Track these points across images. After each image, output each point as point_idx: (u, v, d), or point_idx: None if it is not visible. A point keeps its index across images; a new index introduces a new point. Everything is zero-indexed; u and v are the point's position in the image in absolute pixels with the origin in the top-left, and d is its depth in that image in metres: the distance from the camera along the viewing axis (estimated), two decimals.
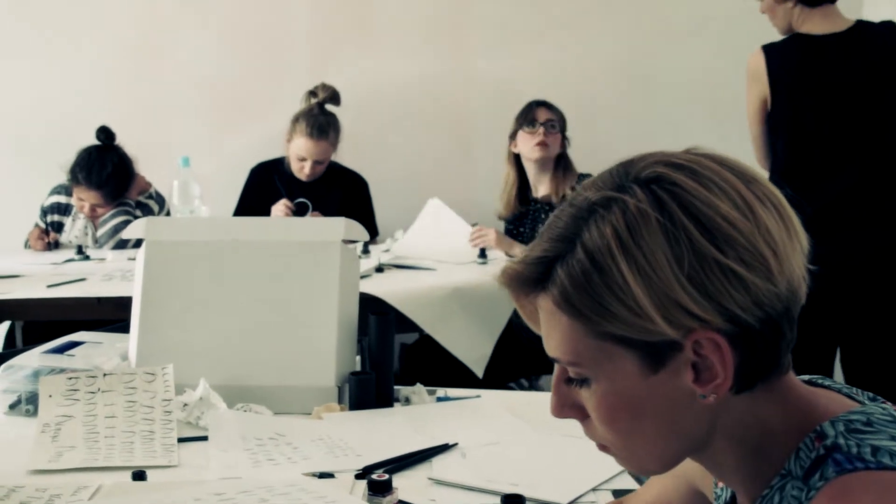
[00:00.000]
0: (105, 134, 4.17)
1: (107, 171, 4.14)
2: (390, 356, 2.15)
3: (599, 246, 0.94)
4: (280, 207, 4.22)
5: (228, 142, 4.73)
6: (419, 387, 2.18)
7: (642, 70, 4.89)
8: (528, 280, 1.00)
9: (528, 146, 4.06)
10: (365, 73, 4.94)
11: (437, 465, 1.80)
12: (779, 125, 3.26)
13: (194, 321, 2.18)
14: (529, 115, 4.10)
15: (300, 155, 4.33)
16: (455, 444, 1.89)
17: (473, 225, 4.00)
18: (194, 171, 3.93)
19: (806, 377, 1.08)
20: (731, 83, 3.88)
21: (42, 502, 1.59)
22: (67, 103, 4.72)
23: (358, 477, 1.71)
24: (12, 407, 2.12)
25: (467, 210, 4.26)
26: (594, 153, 3.05)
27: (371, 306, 3.18)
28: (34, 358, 2.16)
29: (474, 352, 3.44)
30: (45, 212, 4.37)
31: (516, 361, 3.82)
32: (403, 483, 1.71)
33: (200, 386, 2.05)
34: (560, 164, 4.10)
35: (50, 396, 2.02)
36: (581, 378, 1.01)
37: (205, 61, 4.92)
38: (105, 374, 2.05)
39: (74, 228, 4.32)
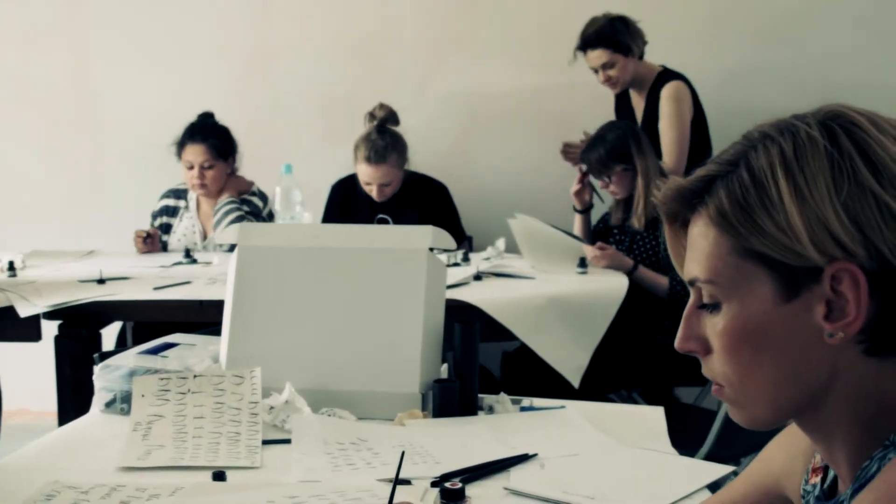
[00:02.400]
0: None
1: (210, 124, 4.43)
2: (475, 365, 2.16)
3: (763, 165, 0.98)
4: None
5: (334, 150, 4.79)
6: (503, 396, 2.18)
7: (757, 80, 4.81)
8: (688, 193, 1.03)
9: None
10: (471, 82, 4.97)
11: (515, 475, 1.80)
12: None
13: (283, 326, 2.21)
14: None
15: (364, 180, 4.38)
16: (534, 455, 1.88)
17: (583, 239, 3.98)
18: (300, 178, 4.00)
19: None
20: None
21: (141, 502, 1.63)
22: (180, 112, 4.84)
23: (434, 485, 1.72)
24: (108, 405, 2.18)
25: (571, 220, 4.25)
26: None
27: (467, 314, 3.20)
28: (130, 358, 2.22)
29: (571, 362, 3.42)
30: (154, 216, 4.52)
31: (616, 373, 3.80)
32: (478, 492, 1.72)
33: (286, 390, 2.08)
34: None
35: (142, 396, 2.07)
36: (713, 302, 1.02)
37: (312, 71, 5.00)
38: (195, 376, 2.10)
39: (181, 228, 4.45)
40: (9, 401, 3.85)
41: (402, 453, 1.40)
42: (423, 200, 4.47)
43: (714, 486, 1.73)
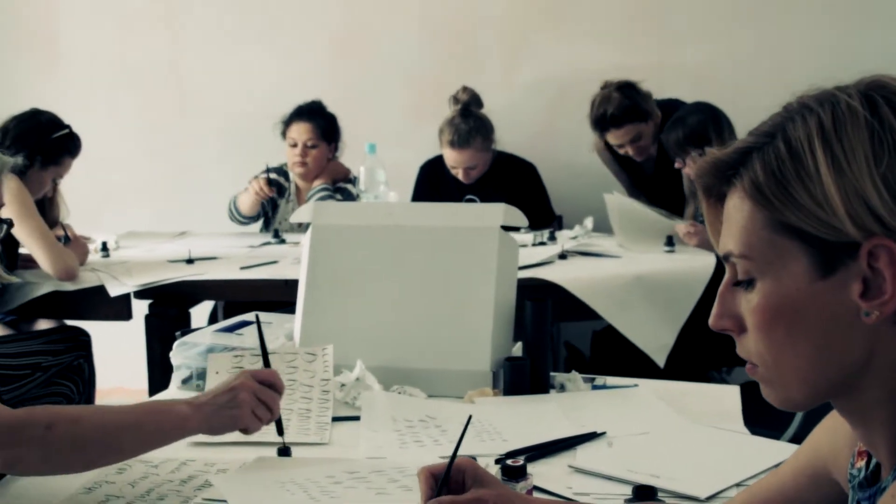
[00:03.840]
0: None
1: (318, 108, 4.46)
2: (546, 342, 2.14)
3: (800, 136, 0.94)
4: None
5: (420, 130, 4.79)
6: (574, 374, 2.17)
7: (852, 57, 4.67)
8: (723, 166, 1.01)
9: None
10: (559, 60, 4.93)
11: (581, 453, 1.79)
12: None
13: (355, 303, 2.23)
14: None
15: (450, 164, 4.37)
16: (603, 433, 1.87)
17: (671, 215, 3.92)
18: (385, 158, 4.02)
19: None
20: None
21: (208, 475, 1.66)
22: (270, 94, 4.90)
23: (497, 462, 1.71)
24: (185, 382, 2.22)
25: None
26: None
27: (550, 293, 3.18)
28: (207, 336, 2.26)
29: (656, 341, 3.38)
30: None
31: (704, 352, 3.74)
32: (543, 469, 1.71)
33: (357, 367, 2.10)
34: None
35: (217, 373, 2.11)
36: (748, 279, 0.99)
37: (399, 51, 5.01)
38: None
39: (286, 211, 4.49)
40: (106, 379, 3.94)
41: (469, 417, 1.39)
42: (511, 180, 4.45)
43: None
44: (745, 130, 1.02)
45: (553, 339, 4.63)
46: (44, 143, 3.51)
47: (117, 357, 4.30)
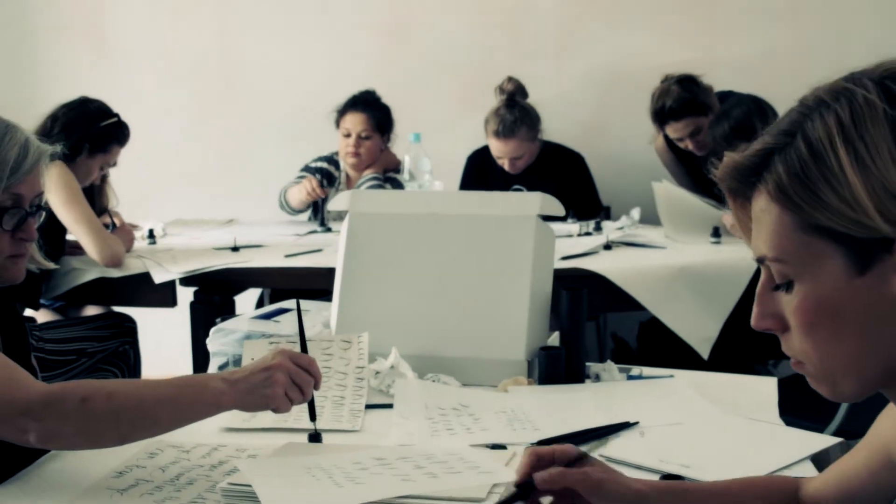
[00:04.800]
0: None
1: (373, 98, 4.45)
2: (581, 332, 2.13)
3: (820, 135, 0.94)
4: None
5: (468, 120, 4.78)
6: (610, 364, 2.15)
7: None
8: (745, 170, 1.00)
9: None
10: (609, 50, 4.89)
11: (613, 442, 1.77)
12: None
13: (391, 291, 2.23)
14: None
15: (495, 154, 4.35)
16: (636, 423, 1.85)
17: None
18: (432, 147, 4.01)
19: None
20: None
21: (238, 461, 1.66)
22: (321, 82, 4.92)
23: None
24: (221, 368, 2.23)
25: None
26: None
27: (596, 284, 3.16)
28: (244, 323, 2.27)
29: (700, 332, 3.36)
30: (311, 171, 4.53)
31: (748, 344, 3.70)
32: None
33: (392, 355, 2.10)
34: None
35: (252, 360, 2.11)
36: (786, 280, 0.99)
37: (450, 41, 5.00)
38: None
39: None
40: (152, 366, 3.98)
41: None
42: (558, 170, 4.43)
43: (817, 458, 1.67)
44: None
45: (600, 330, 4.61)
46: (92, 131, 3.54)
47: (163, 344, 4.34)
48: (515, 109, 4.28)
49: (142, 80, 5.21)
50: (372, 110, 4.39)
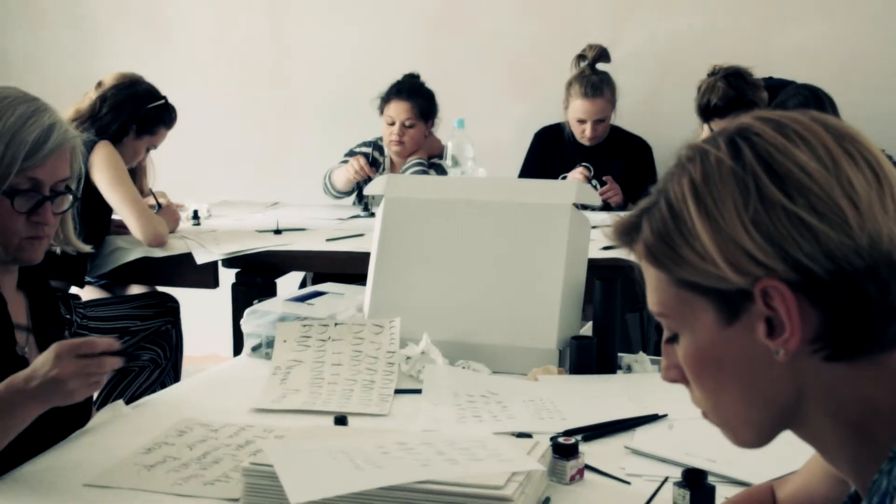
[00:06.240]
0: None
1: (417, 85, 4.40)
2: (614, 322, 2.12)
3: (677, 195, 0.97)
4: (577, 175, 4.26)
5: (514, 107, 4.77)
6: (642, 355, 2.14)
7: None
8: (624, 230, 1.04)
9: None
10: (659, 38, 4.84)
11: (640, 434, 1.77)
12: None
13: (424, 277, 2.23)
14: None
15: (579, 117, 4.33)
16: (664, 416, 1.84)
17: None
18: (476, 134, 4.00)
19: None
20: None
21: (264, 441, 1.67)
22: (367, 69, 4.92)
23: (552, 440, 1.70)
24: (255, 349, 2.25)
25: None
26: None
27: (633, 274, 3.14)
28: (278, 305, 2.28)
29: None
30: (356, 156, 4.52)
31: None
32: (599, 449, 1.70)
33: (423, 340, 2.10)
34: None
35: (284, 342, 2.13)
36: (672, 334, 1.02)
37: (498, 27, 4.98)
38: (336, 324, 2.15)
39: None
40: (195, 346, 4.03)
41: None
42: (627, 155, 4.45)
43: None
44: (854, 113, 1.01)
45: (643, 322, 4.58)
46: (139, 112, 3.57)
47: (205, 325, 4.38)
48: (599, 72, 4.37)
49: (192, 64, 5.25)
50: (415, 98, 4.37)
